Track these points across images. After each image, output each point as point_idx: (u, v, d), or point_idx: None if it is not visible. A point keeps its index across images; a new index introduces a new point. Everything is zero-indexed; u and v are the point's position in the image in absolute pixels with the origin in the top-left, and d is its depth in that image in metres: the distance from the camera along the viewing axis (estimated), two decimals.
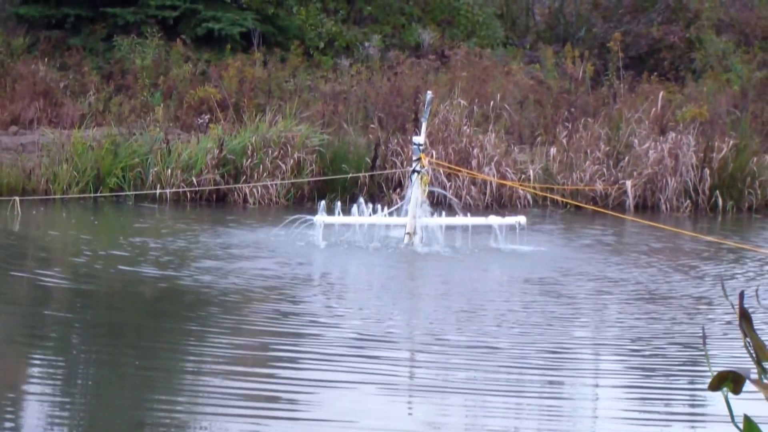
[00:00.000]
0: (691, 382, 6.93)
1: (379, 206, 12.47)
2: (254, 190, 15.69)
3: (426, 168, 12.02)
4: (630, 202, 16.45)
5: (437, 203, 14.16)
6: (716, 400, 5.93)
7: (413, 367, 7.33)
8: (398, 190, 15.73)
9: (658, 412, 6.27)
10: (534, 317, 8.57)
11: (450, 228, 12.19)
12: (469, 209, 14.39)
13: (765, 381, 1.94)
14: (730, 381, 1.94)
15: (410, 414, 6.15)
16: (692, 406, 6.50)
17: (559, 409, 6.29)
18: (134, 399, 6.23)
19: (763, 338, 1.98)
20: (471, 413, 6.08)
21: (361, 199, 12.40)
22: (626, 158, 16.86)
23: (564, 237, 13.61)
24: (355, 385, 6.51)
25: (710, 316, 8.83)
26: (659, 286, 10.18)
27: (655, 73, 20.45)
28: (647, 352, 7.66)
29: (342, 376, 6.71)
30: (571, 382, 6.96)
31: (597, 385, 7.08)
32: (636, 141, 17.01)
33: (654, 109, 17.70)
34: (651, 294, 9.78)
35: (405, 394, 6.61)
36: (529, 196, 16.25)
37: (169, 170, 15.60)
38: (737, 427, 1.95)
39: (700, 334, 8.02)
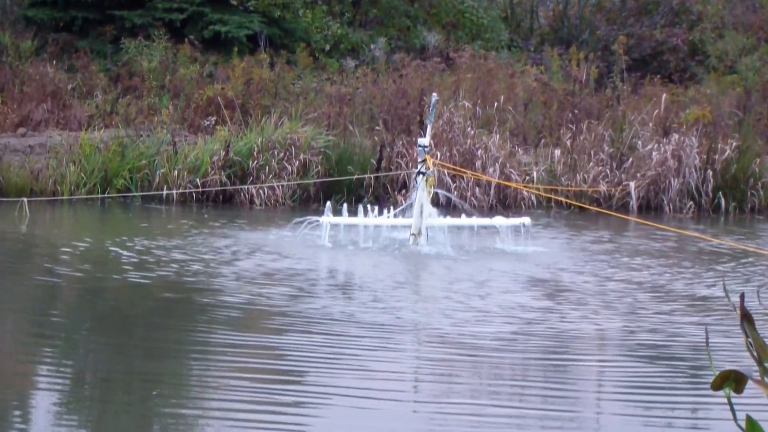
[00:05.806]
0: (694, 382, 6.99)
1: (385, 207, 12.58)
2: (260, 191, 15.76)
3: (431, 169, 12.10)
4: (633, 203, 16.51)
5: (442, 205, 14.24)
6: (719, 400, 6.02)
7: (418, 366, 7.42)
8: (403, 191, 15.78)
9: (661, 409, 6.34)
10: (538, 316, 8.65)
11: (454, 229, 12.28)
12: (473, 210, 14.46)
13: (767, 380, 1.94)
14: (732, 380, 1.93)
15: (414, 413, 6.26)
16: (695, 405, 6.56)
17: (561, 406, 6.37)
18: (140, 400, 6.30)
19: (764, 338, 1.98)
20: (474, 413, 6.18)
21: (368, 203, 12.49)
22: (630, 160, 16.92)
23: (568, 237, 13.66)
24: (360, 388, 6.61)
25: (713, 316, 8.89)
26: (661, 285, 10.25)
27: (659, 75, 20.54)
28: (650, 351, 7.71)
29: (347, 377, 6.80)
30: (573, 380, 7.04)
31: (600, 384, 7.15)
32: (639, 143, 17.08)
33: (657, 111, 17.77)
34: (653, 293, 9.84)
35: (410, 390, 6.72)
36: (533, 198, 16.32)
37: (176, 171, 15.67)
38: (739, 427, 1.94)
39: (703, 334, 8.08)
